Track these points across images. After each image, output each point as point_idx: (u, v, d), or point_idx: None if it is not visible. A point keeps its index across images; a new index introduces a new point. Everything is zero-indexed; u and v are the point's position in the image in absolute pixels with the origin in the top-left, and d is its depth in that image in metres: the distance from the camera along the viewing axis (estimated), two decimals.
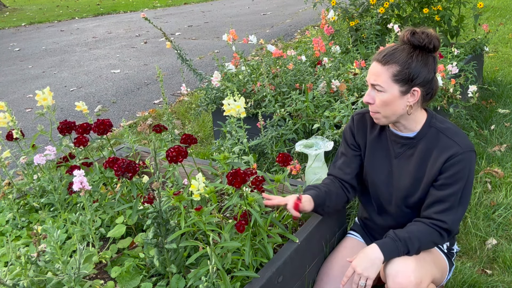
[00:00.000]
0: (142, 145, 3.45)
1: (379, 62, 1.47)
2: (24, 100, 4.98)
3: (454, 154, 1.47)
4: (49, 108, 1.96)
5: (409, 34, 1.47)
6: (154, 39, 7.90)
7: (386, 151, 1.64)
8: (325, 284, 1.68)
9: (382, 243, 1.48)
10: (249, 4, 11.72)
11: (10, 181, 2.04)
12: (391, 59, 1.46)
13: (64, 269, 1.40)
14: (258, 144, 2.72)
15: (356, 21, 3.99)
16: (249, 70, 3.19)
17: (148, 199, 1.48)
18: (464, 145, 1.48)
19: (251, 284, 1.42)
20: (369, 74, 1.51)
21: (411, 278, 1.41)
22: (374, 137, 1.66)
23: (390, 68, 1.45)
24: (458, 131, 1.53)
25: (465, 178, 1.48)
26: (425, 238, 1.49)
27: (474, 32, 4.81)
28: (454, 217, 1.49)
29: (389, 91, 1.46)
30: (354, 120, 1.72)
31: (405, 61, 1.45)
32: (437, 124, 1.55)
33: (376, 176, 1.66)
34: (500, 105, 3.66)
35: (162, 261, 1.51)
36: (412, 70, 1.45)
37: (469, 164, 1.48)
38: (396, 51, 1.47)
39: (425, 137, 1.55)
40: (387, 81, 1.46)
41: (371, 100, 1.51)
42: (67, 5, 14.42)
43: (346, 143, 1.74)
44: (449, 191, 1.48)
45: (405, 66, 1.45)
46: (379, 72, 1.47)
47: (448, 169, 1.48)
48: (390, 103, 1.48)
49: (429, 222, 1.50)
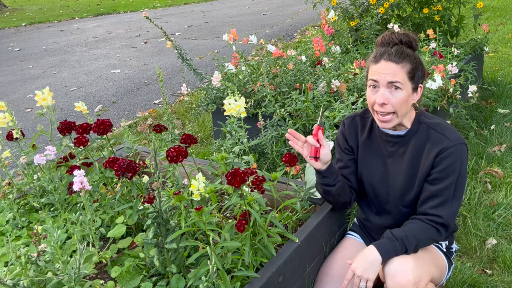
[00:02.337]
0: (142, 145, 3.45)
1: (392, 61, 1.46)
2: (24, 100, 4.98)
3: (444, 148, 1.48)
4: (49, 108, 1.96)
5: (397, 34, 1.50)
6: (154, 39, 7.90)
7: (379, 151, 1.64)
8: (325, 284, 1.68)
9: (379, 244, 1.48)
10: (249, 4, 11.72)
11: (10, 181, 2.04)
12: (404, 57, 1.47)
13: (64, 269, 1.40)
14: (258, 144, 2.72)
15: (356, 21, 3.99)
16: (249, 70, 3.19)
17: (148, 199, 1.48)
18: (454, 138, 1.49)
19: (251, 284, 1.42)
20: (382, 73, 1.47)
21: (409, 277, 1.41)
22: (365, 139, 1.67)
23: (404, 66, 1.46)
24: (447, 125, 1.55)
25: (457, 171, 1.49)
26: (422, 235, 1.50)
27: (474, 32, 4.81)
28: (449, 211, 1.50)
29: (405, 89, 1.47)
30: (345, 124, 1.73)
31: (414, 58, 1.49)
32: (426, 120, 1.56)
33: (371, 176, 1.67)
34: (500, 105, 3.66)
35: (162, 261, 1.51)
36: (419, 67, 1.49)
37: (461, 157, 1.49)
38: (403, 49, 1.48)
39: (416, 134, 1.56)
40: (404, 78, 1.46)
41: (386, 100, 1.47)
42: (67, 5, 14.42)
43: (340, 148, 1.75)
44: (442, 185, 1.49)
45: (416, 63, 1.48)
46: (396, 70, 1.46)
47: (440, 163, 1.49)
48: (406, 101, 1.48)
49: (424, 218, 1.51)
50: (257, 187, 1.48)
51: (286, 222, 1.79)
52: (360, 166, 1.70)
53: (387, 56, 1.47)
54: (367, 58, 1.57)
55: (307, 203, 1.79)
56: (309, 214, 1.83)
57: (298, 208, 1.73)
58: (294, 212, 1.85)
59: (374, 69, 1.50)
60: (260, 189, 1.49)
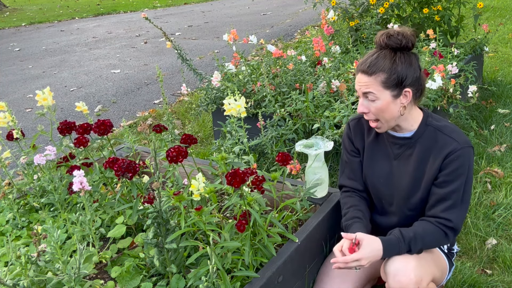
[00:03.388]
0: (142, 145, 3.45)
1: (364, 73, 1.48)
2: (24, 100, 4.98)
3: (453, 151, 1.48)
4: (49, 108, 1.96)
5: (385, 38, 1.47)
6: (154, 39, 7.90)
7: (385, 153, 1.64)
8: (325, 284, 1.68)
9: (387, 241, 1.46)
10: (249, 4, 11.72)
11: (10, 181, 2.04)
12: (376, 68, 1.46)
13: (64, 269, 1.41)
14: (258, 144, 2.72)
15: (356, 21, 3.99)
16: (249, 70, 3.19)
17: (148, 199, 1.48)
18: (462, 141, 1.49)
19: (251, 284, 1.42)
20: (358, 84, 1.51)
21: (411, 277, 1.41)
22: (371, 140, 1.67)
23: (377, 77, 1.46)
24: (455, 128, 1.54)
25: (465, 174, 1.49)
26: (429, 238, 1.49)
27: (474, 32, 4.80)
28: (458, 215, 1.49)
29: (382, 98, 1.47)
30: (350, 126, 1.73)
31: (390, 67, 1.46)
32: (434, 123, 1.55)
33: (376, 178, 1.66)
34: (500, 105, 3.66)
35: (162, 261, 1.51)
36: (399, 74, 1.46)
37: (468, 160, 1.49)
38: (379, 59, 1.47)
39: (422, 136, 1.55)
40: (378, 88, 1.47)
41: (365, 109, 1.51)
42: (67, 5, 14.42)
43: (347, 150, 1.74)
44: (450, 188, 1.49)
45: (392, 72, 1.46)
46: (368, 82, 1.47)
47: (448, 165, 1.49)
48: (385, 109, 1.49)
49: (435, 221, 1.50)
50: (257, 187, 1.48)
51: (286, 222, 1.79)
52: (366, 167, 1.69)
53: (361, 67, 1.50)
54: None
55: (307, 203, 1.79)
56: (309, 214, 1.83)
57: (298, 208, 1.73)
58: (294, 212, 1.85)
59: (355, 80, 1.54)
60: (260, 189, 1.49)
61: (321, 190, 1.88)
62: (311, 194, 1.81)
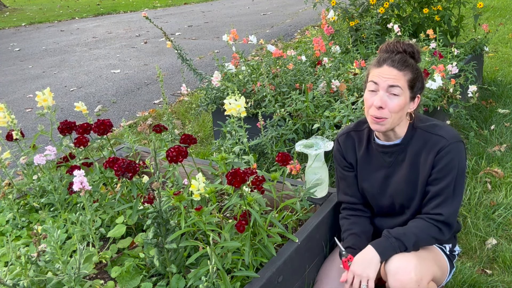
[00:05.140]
0: (142, 145, 3.45)
1: (394, 67, 1.47)
2: (24, 100, 4.98)
3: (442, 148, 1.50)
4: (49, 108, 1.96)
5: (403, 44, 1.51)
6: (154, 39, 7.90)
7: (378, 163, 1.64)
8: (325, 284, 1.68)
9: (376, 243, 1.49)
10: (249, 4, 11.72)
11: (10, 181, 2.04)
12: (407, 65, 1.48)
13: (64, 269, 1.41)
14: (258, 144, 2.72)
15: (356, 21, 3.99)
16: (249, 70, 3.19)
17: (148, 199, 1.48)
18: (450, 137, 1.50)
19: (251, 284, 1.42)
20: (384, 77, 1.47)
21: (411, 275, 1.41)
22: (363, 153, 1.67)
23: (406, 74, 1.47)
24: (442, 125, 1.55)
25: (456, 169, 1.50)
26: (422, 232, 1.50)
27: (474, 32, 4.81)
28: (449, 209, 1.50)
29: (403, 96, 1.48)
30: (340, 142, 1.72)
31: (416, 69, 1.50)
32: (420, 125, 1.57)
33: (373, 189, 1.67)
34: (500, 105, 3.66)
35: (162, 261, 1.51)
36: (419, 78, 1.50)
37: (458, 155, 1.50)
38: (407, 58, 1.49)
39: (411, 140, 1.56)
40: (404, 85, 1.47)
41: (383, 104, 1.47)
42: (67, 5, 14.42)
43: (340, 166, 1.74)
44: (442, 184, 1.50)
45: (417, 74, 1.49)
46: (397, 76, 1.46)
47: (438, 162, 1.50)
48: (402, 108, 1.49)
49: (425, 217, 1.52)
50: (257, 187, 1.48)
51: (286, 222, 1.79)
52: (361, 180, 1.69)
53: (390, 61, 1.48)
54: (369, 63, 1.57)
55: (307, 203, 1.79)
56: (309, 214, 1.83)
57: (298, 208, 1.73)
58: (294, 212, 1.85)
59: (375, 72, 1.50)
60: (260, 189, 1.49)
61: (321, 190, 1.88)
62: (311, 194, 1.81)
